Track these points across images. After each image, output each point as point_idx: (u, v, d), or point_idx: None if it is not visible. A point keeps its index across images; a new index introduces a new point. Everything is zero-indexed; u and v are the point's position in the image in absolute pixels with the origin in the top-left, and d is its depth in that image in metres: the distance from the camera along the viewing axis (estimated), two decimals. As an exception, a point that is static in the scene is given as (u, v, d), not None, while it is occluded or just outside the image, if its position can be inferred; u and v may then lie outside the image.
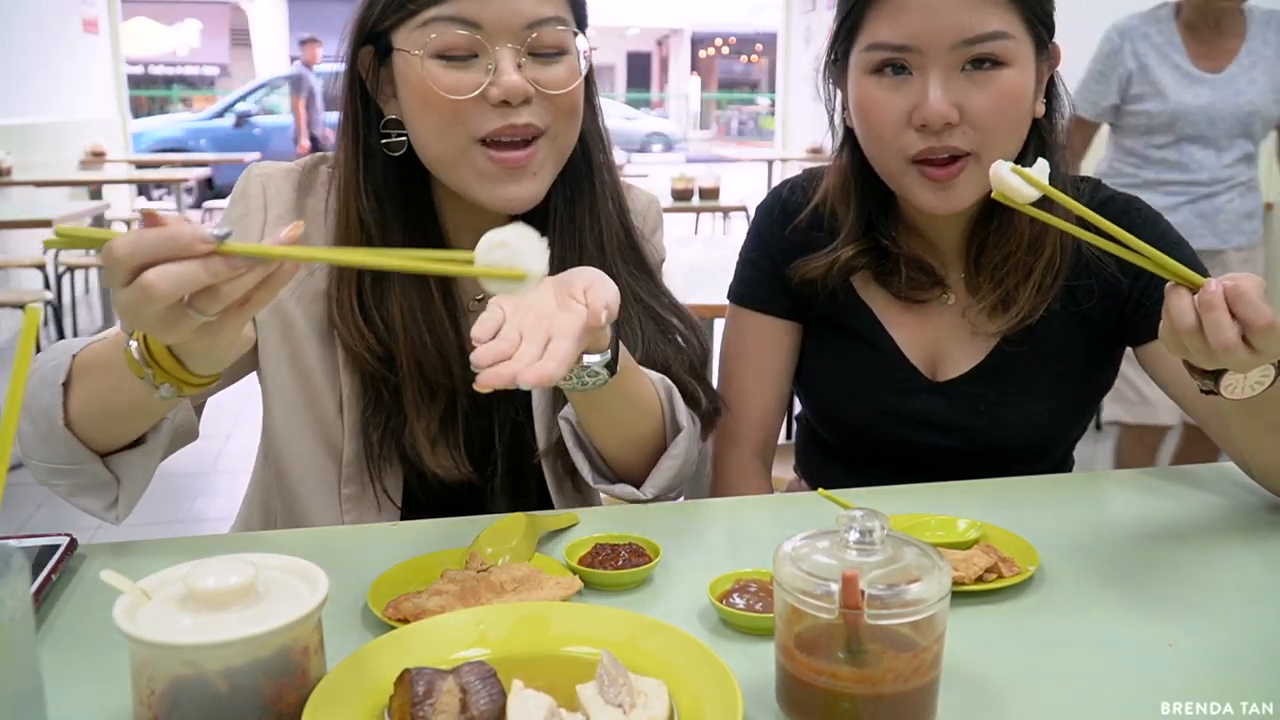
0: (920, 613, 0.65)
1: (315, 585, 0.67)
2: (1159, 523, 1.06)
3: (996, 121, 1.09)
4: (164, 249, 0.68)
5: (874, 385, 1.26)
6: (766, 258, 1.32)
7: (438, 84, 1.01)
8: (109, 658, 0.76)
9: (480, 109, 1.02)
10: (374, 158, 1.10)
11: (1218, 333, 0.84)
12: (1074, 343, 1.22)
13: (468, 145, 1.03)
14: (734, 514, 1.11)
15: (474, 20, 1.01)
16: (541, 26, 1.03)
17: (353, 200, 1.09)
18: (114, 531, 3.58)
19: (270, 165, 1.16)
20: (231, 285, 0.70)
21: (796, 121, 10.28)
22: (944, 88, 1.08)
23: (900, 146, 1.12)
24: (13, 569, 0.57)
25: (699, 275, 2.85)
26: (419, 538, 1.00)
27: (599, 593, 0.89)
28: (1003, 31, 1.08)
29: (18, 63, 6.52)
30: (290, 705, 0.64)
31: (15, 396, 0.59)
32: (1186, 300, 0.86)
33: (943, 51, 1.08)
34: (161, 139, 11.78)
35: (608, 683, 0.66)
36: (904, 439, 1.25)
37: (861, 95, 1.14)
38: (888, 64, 1.11)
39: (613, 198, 1.18)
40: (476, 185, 1.05)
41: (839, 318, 1.28)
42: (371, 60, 1.08)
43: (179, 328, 0.72)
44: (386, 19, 1.04)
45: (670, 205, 4.93)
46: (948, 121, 1.08)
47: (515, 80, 1.01)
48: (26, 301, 4.25)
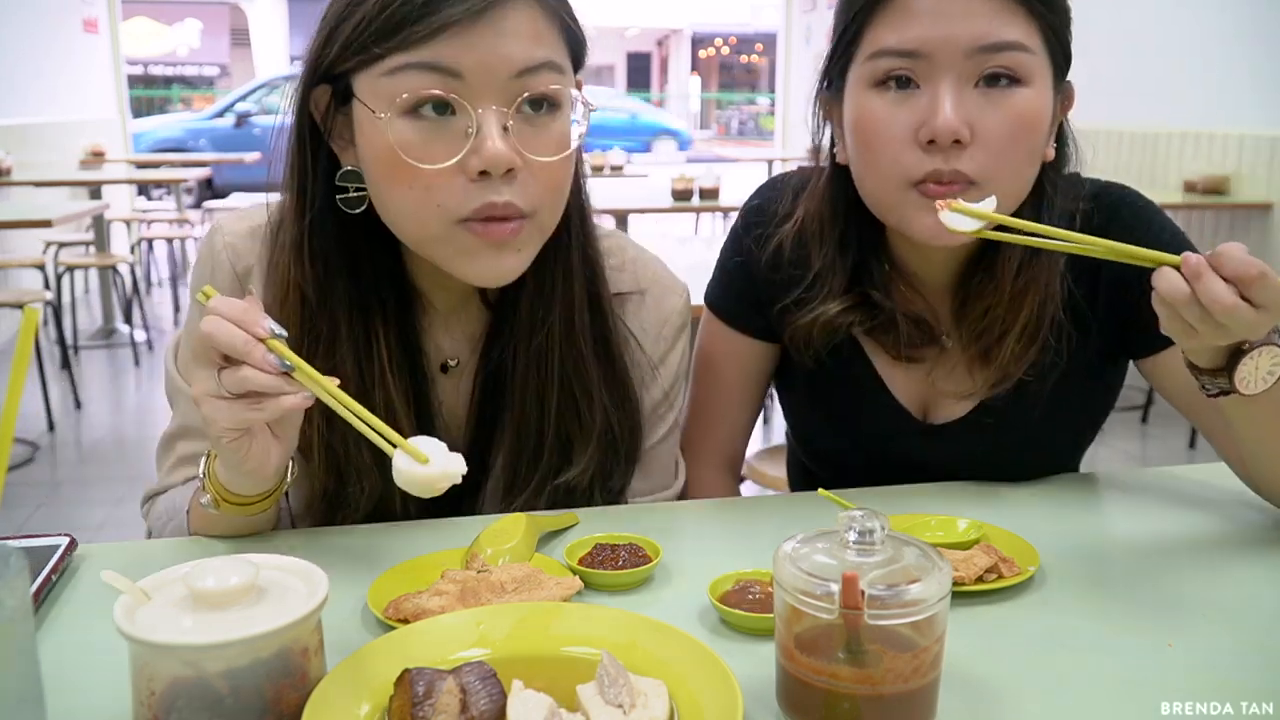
0: (920, 613, 0.65)
1: (315, 585, 0.67)
2: (1159, 523, 1.06)
3: (1009, 148, 0.99)
4: (235, 315, 0.81)
5: (860, 424, 1.20)
6: (744, 273, 1.22)
7: (407, 151, 0.88)
8: (109, 658, 0.76)
9: (457, 182, 0.90)
10: (323, 217, 0.97)
11: (1214, 297, 0.81)
12: (1076, 365, 1.13)
13: (446, 228, 0.92)
14: (734, 514, 1.11)
15: (453, 69, 0.87)
16: (533, 75, 0.90)
17: (292, 266, 0.98)
18: (114, 531, 3.58)
19: (233, 225, 1.06)
20: (261, 381, 0.80)
21: (796, 121, 10.27)
22: (956, 100, 0.97)
23: (903, 168, 1.00)
24: (13, 569, 0.57)
25: (699, 275, 2.85)
26: (419, 538, 1.00)
27: (599, 593, 0.89)
28: (1022, 43, 0.98)
29: (18, 63, 6.52)
30: (290, 706, 0.64)
31: (15, 396, 0.59)
32: (1174, 275, 0.83)
33: (956, 60, 0.97)
34: (161, 139, 11.78)
35: (608, 683, 0.66)
36: (894, 477, 1.18)
37: (861, 112, 1.03)
38: (893, 75, 1.00)
39: (584, 271, 1.06)
40: (455, 262, 0.95)
41: (829, 356, 1.18)
42: (329, 102, 0.94)
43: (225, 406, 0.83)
44: (346, 60, 0.90)
45: (670, 205, 4.92)
46: (958, 139, 0.97)
47: (499, 149, 0.88)
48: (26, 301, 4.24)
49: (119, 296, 5.98)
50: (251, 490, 0.93)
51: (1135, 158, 5.29)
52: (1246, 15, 4.60)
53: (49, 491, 3.67)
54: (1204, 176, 4.67)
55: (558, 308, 1.04)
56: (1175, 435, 4.28)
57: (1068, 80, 1.06)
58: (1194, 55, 4.90)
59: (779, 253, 1.18)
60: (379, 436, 0.80)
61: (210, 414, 0.84)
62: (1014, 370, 1.10)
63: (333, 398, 0.82)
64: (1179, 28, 5.01)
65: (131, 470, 3.87)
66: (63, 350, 4.85)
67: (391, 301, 1.02)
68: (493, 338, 1.08)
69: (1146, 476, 1.19)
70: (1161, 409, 4.49)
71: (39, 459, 3.99)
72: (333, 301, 0.99)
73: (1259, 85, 4.55)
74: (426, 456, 0.79)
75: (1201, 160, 4.88)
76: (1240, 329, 0.84)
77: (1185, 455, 4.08)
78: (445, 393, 1.10)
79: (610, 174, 6.86)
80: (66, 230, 6.29)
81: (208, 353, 0.83)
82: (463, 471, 0.79)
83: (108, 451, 4.11)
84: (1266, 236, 4.55)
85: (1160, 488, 1.15)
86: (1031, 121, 1.00)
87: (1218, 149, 4.81)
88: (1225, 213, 4.73)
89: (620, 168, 7.04)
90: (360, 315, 1.00)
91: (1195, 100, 4.92)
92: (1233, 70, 4.69)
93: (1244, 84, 4.63)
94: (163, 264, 7.92)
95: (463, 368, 1.10)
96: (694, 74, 30.47)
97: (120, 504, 3.53)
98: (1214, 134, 4.82)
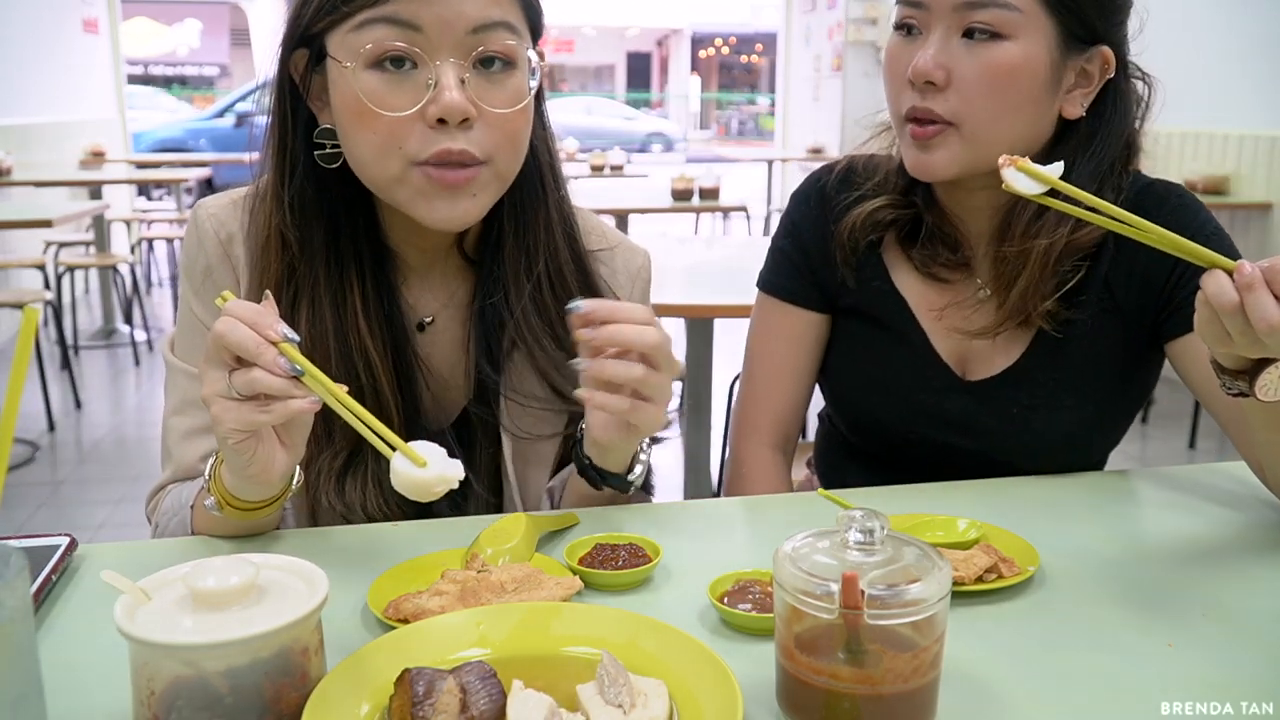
0: (920, 613, 0.65)
1: (315, 585, 0.67)
2: (1159, 523, 1.06)
3: (981, 93, 1.09)
4: (249, 317, 0.83)
5: (904, 382, 1.25)
6: (798, 247, 1.30)
7: (371, 99, 0.95)
8: (109, 658, 0.76)
9: (417, 129, 0.96)
10: (300, 169, 1.04)
11: (1262, 312, 0.80)
12: (1111, 342, 1.19)
13: (405, 169, 0.98)
14: (734, 514, 1.11)
15: (413, 22, 0.94)
16: (488, 32, 0.96)
17: (274, 213, 1.04)
18: (114, 531, 3.58)
19: (216, 200, 1.11)
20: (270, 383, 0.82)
21: (796, 121, 10.28)
22: (937, 48, 1.10)
23: (899, 103, 1.15)
24: (13, 569, 0.57)
25: (699, 275, 2.85)
26: (419, 538, 1.00)
27: (599, 593, 0.89)
28: (1007, 2, 1.07)
29: (18, 63, 6.52)
30: (290, 705, 0.64)
31: (15, 396, 0.59)
32: (1225, 280, 0.83)
33: (945, 12, 1.09)
34: (161, 139, 11.78)
35: (608, 683, 0.66)
36: (931, 440, 1.23)
37: (886, 50, 1.19)
38: (904, 22, 1.14)
39: (561, 224, 1.12)
40: (413, 204, 1.00)
41: (870, 308, 1.26)
42: (306, 64, 1.02)
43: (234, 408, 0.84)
44: (320, 20, 0.97)
45: (670, 205, 4.93)
46: (930, 80, 1.10)
47: (455, 98, 0.94)
48: (26, 301, 4.24)
49: (119, 296, 5.98)
50: (255, 496, 0.93)
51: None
52: (1246, 15, 4.60)
53: (49, 491, 3.67)
54: (1204, 176, 4.67)
55: (542, 258, 1.10)
56: (1175, 435, 4.28)
57: (1099, 47, 1.13)
58: (1194, 55, 4.90)
59: (850, 168, 1.29)
60: (380, 441, 0.81)
61: (219, 414, 0.85)
62: (1026, 312, 1.16)
63: (340, 403, 0.83)
64: (1179, 28, 5.01)
65: (131, 470, 3.87)
66: (63, 350, 4.85)
67: (367, 255, 1.07)
68: (480, 291, 1.12)
69: (1146, 476, 1.19)
70: (1162, 409, 4.49)
71: (39, 459, 3.99)
72: (311, 248, 1.05)
73: (1259, 85, 4.55)
74: (424, 460, 0.80)
75: (1201, 160, 4.88)
76: (1276, 349, 0.83)
77: (1185, 455, 4.08)
78: (427, 349, 1.13)
79: (610, 174, 6.85)
80: (67, 230, 6.29)
81: (220, 353, 0.84)
82: (460, 477, 0.80)
83: (108, 451, 4.11)
84: (1266, 236, 4.56)
85: (1160, 487, 1.15)
86: (1007, 71, 1.09)
87: (1218, 149, 4.81)
88: (1225, 213, 4.72)
89: (620, 167, 7.03)
90: (336, 265, 1.05)
91: (1195, 100, 4.92)
92: (1233, 70, 4.69)
93: (1244, 84, 4.63)
94: (163, 264, 7.92)
95: (445, 326, 1.14)
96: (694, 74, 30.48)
97: (120, 504, 3.53)
98: (1214, 134, 4.82)
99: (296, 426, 0.90)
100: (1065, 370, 1.19)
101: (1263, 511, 1.07)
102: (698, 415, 2.75)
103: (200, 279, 1.09)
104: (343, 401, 0.83)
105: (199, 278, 1.09)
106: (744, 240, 5.39)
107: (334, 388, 0.83)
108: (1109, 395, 1.22)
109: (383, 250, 1.10)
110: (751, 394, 1.33)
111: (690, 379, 2.76)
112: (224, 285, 1.07)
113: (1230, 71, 4.70)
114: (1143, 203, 1.17)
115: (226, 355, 0.84)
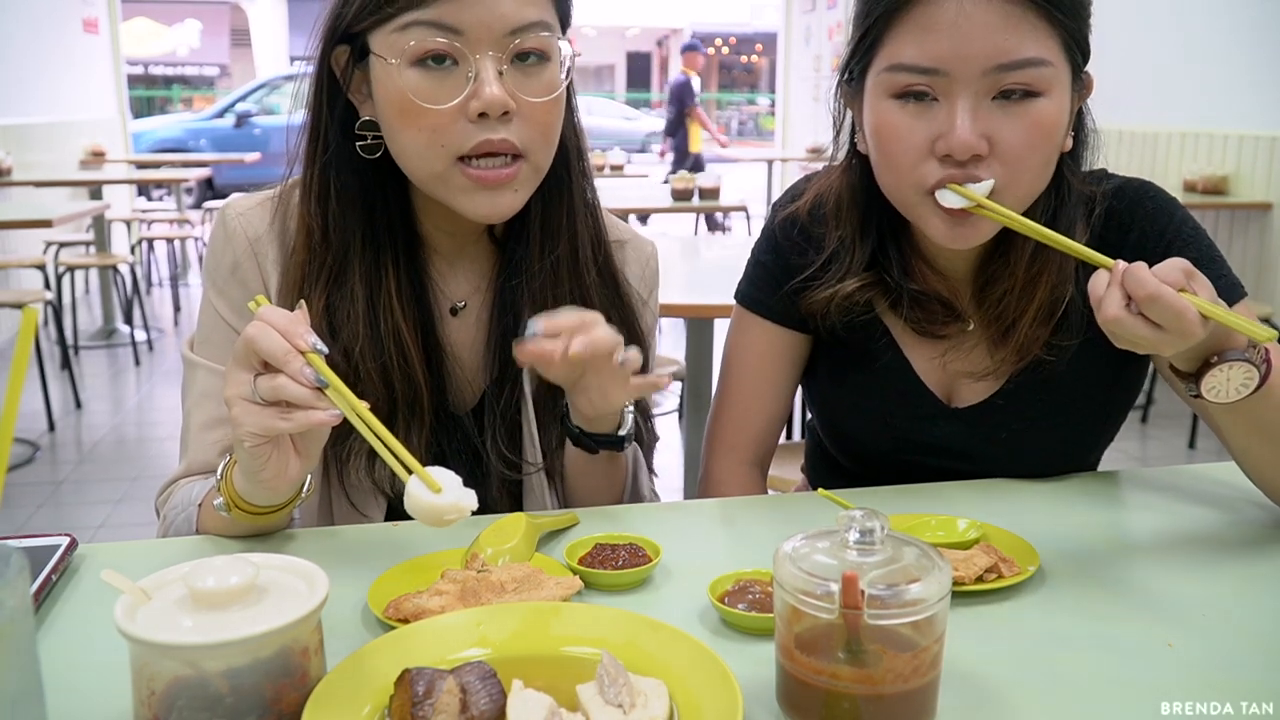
0: (920, 613, 0.65)
1: (315, 585, 0.67)
2: (1159, 523, 1.06)
3: (1027, 156, 1.00)
4: (280, 324, 0.85)
5: (888, 410, 1.21)
6: (779, 262, 1.24)
7: (416, 94, 0.98)
8: (109, 658, 0.76)
9: (459, 123, 0.99)
10: (339, 159, 1.07)
11: (1103, 306, 0.87)
12: (1095, 357, 1.14)
13: (448, 165, 1.01)
14: (734, 514, 1.11)
15: (454, 25, 0.97)
16: (525, 33, 0.99)
17: (303, 204, 1.08)
18: (114, 531, 3.58)
19: (244, 201, 1.14)
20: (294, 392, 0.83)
21: (796, 121, 10.29)
22: (973, 116, 0.99)
23: (919, 177, 1.02)
24: (13, 569, 0.57)
25: (699, 275, 2.85)
26: (419, 538, 1.00)
27: (599, 593, 0.89)
28: (1040, 59, 0.98)
29: (18, 63, 6.52)
30: (290, 705, 0.64)
31: (15, 396, 0.59)
32: (1101, 278, 0.89)
33: (973, 77, 0.98)
34: (161, 139, 11.78)
35: (608, 683, 0.66)
36: (918, 465, 1.20)
37: (880, 120, 1.04)
38: (910, 90, 1.01)
39: (585, 210, 1.16)
40: (456, 198, 1.03)
41: (852, 335, 1.21)
42: (348, 60, 1.05)
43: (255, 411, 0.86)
44: (363, 20, 1.01)
45: (670, 205, 4.93)
46: (976, 154, 0.99)
47: (495, 93, 0.98)
48: (26, 301, 4.25)
49: (119, 296, 5.98)
50: (265, 501, 0.94)
51: (1135, 158, 5.29)
52: (1246, 15, 4.60)
53: (49, 491, 3.67)
54: (1204, 176, 4.67)
55: (564, 242, 1.13)
56: (1175, 435, 4.28)
57: (1085, 71, 1.07)
58: (1194, 55, 4.91)
59: (793, 224, 1.24)
60: (398, 463, 0.81)
61: (239, 416, 0.86)
62: (1031, 350, 1.13)
63: (360, 419, 0.84)
64: (1179, 28, 5.01)
65: (131, 470, 3.87)
66: (63, 350, 4.85)
67: (401, 241, 1.11)
68: (503, 274, 1.15)
69: (1146, 476, 1.19)
70: (1161, 409, 4.49)
71: (39, 459, 3.99)
72: (345, 235, 1.07)
73: (1259, 85, 4.55)
74: (440, 485, 0.79)
75: (1201, 160, 4.88)
76: (1139, 343, 0.88)
77: (1185, 455, 4.08)
78: (455, 333, 1.15)
79: (610, 174, 6.85)
80: (67, 230, 6.30)
81: (248, 357, 0.86)
82: (474, 507, 0.80)
83: (108, 451, 4.11)
84: (1266, 236, 4.56)
85: (1160, 487, 1.15)
86: (1048, 130, 1.01)
87: (1218, 149, 4.81)
88: (1225, 213, 4.73)
89: (620, 167, 7.03)
90: (371, 249, 1.08)
91: (1195, 100, 4.93)
92: (1233, 70, 4.69)
93: (1244, 84, 4.63)
94: (163, 264, 7.92)
95: (472, 310, 1.17)
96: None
97: (120, 504, 3.53)
98: (1214, 134, 4.82)
99: (313, 437, 0.91)
100: (1054, 391, 1.16)
101: (1262, 511, 1.07)
102: (698, 415, 2.75)
103: (226, 275, 1.10)
104: (364, 418, 0.84)
105: (224, 274, 1.10)
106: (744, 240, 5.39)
107: (357, 403, 0.84)
108: (1098, 408, 1.20)
109: (414, 237, 1.13)
110: (728, 410, 1.28)
111: (690, 379, 2.76)
112: (250, 281, 1.10)
113: (1230, 72, 4.70)
114: (1116, 204, 1.14)
115: (254, 359, 0.86)
